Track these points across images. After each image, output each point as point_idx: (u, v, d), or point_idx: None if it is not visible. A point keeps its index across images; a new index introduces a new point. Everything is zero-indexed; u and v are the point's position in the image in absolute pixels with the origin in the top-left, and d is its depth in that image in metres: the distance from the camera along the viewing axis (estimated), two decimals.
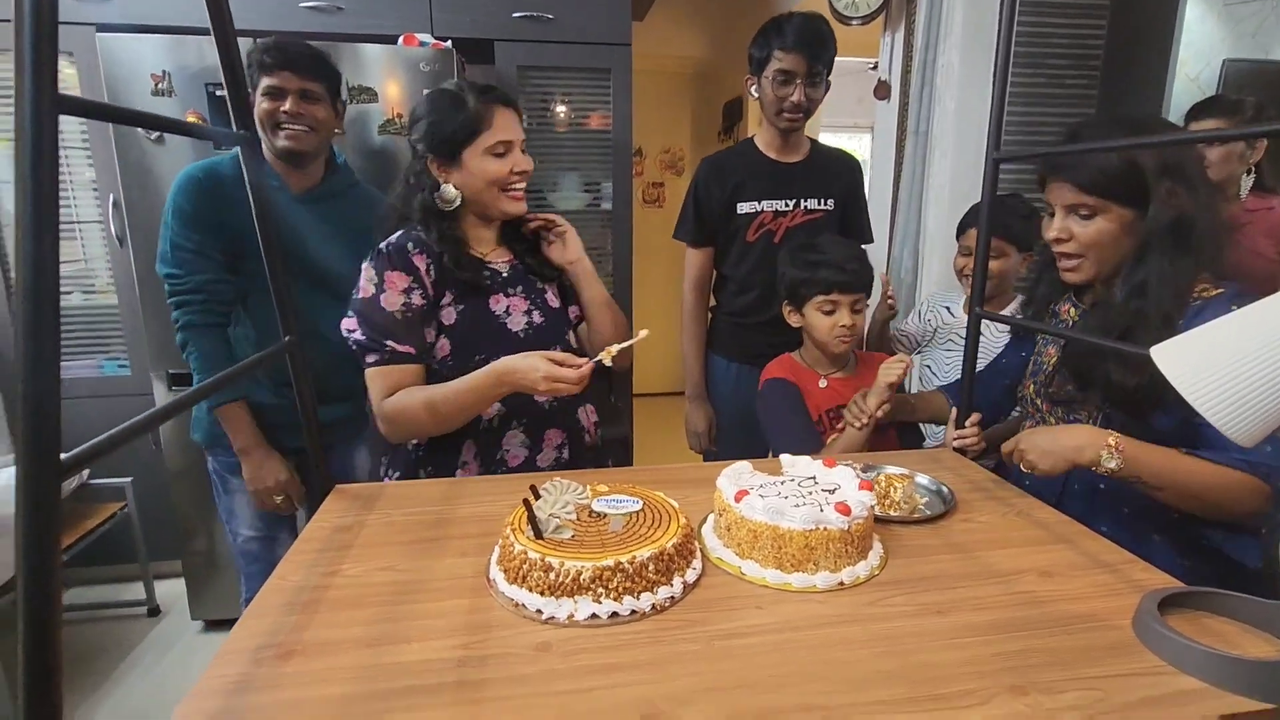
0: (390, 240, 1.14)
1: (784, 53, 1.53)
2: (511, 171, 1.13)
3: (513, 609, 0.71)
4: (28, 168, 0.44)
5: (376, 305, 1.08)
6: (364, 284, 1.10)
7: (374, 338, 1.09)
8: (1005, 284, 1.53)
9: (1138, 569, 0.80)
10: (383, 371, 1.09)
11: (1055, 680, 0.60)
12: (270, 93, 1.36)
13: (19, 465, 0.42)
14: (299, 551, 0.83)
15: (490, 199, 1.15)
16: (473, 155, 1.12)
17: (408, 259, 1.10)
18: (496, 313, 1.16)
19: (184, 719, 0.56)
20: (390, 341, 1.08)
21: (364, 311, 1.09)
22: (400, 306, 1.08)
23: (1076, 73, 2.45)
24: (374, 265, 1.11)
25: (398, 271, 1.09)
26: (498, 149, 1.12)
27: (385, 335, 1.08)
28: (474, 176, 1.13)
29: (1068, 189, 0.97)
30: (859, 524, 0.77)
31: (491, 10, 2.19)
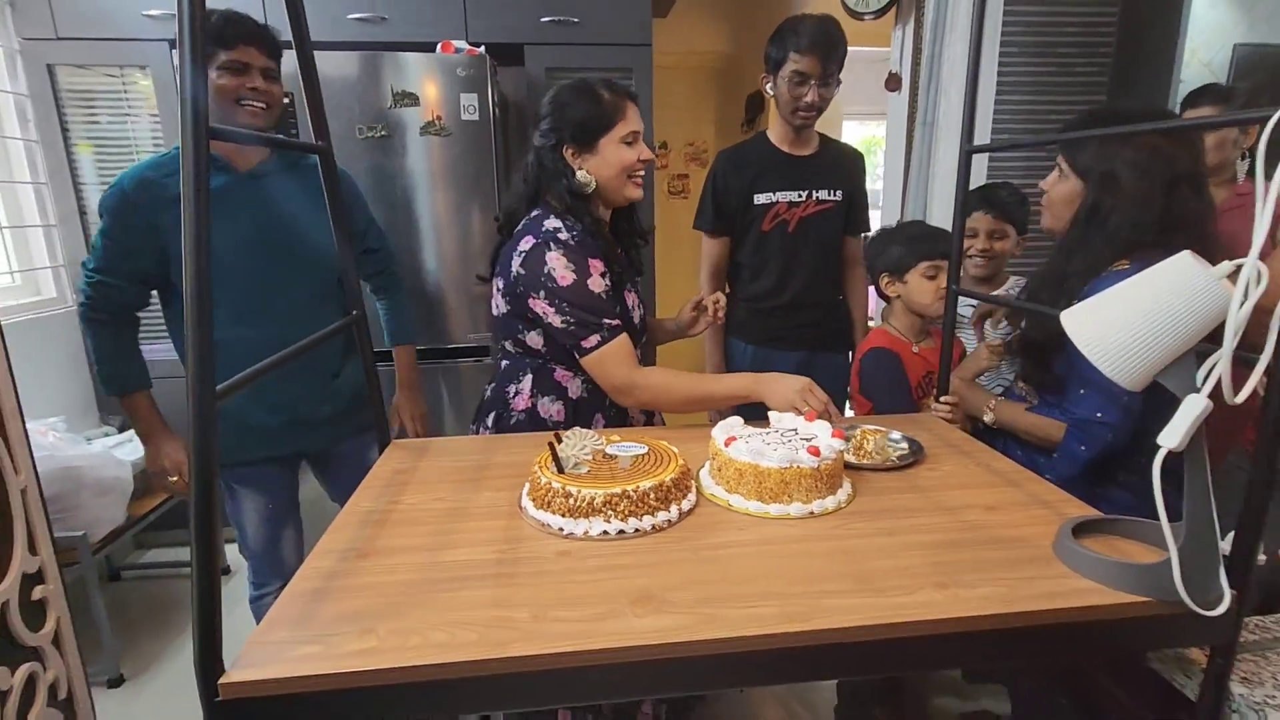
0: (557, 228, 1.18)
1: (799, 55, 1.65)
2: (639, 159, 1.23)
3: (540, 527, 0.88)
4: (190, 175, 0.61)
5: (585, 290, 1.15)
6: (561, 272, 1.15)
7: (590, 319, 1.16)
8: (1002, 265, 1.64)
9: (1073, 506, 0.93)
10: (612, 347, 1.17)
11: (974, 579, 0.75)
12: (233, 68, 1.30)
13: (190, 392, 0.60)
14: (367, 487, 1.01)
15: (619, 185, 1.24)
16: (609, 143, 1.21)
17: (594, 247, 1.19)
18: (630, 306, 1.28)
19: (294, 595, 0.74)
20: (605, 319, 1.17)
21: (574, 298, 1.15)
22: (605, 287, 1.18)
23: (1087, 60, 2.51)
24: (565, 254, 1.16)
25: (594, 258, 1.18)
26: (629, 138, 1.22)
27: (602, 314, 1.17)
28: (608, 164, 1.21)
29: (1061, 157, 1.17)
30: (828, 464, 0.92)
31: (521, 16, 2.36)
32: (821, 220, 1.81)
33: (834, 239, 1.86)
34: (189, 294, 0.60)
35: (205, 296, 0.61)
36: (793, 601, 0.71)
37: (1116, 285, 0.74)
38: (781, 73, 1.70)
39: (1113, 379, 0.72)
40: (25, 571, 1.08)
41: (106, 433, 2.37)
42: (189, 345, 0.61)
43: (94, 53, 2.22)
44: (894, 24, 2.54)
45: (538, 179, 1.25)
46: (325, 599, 0.73)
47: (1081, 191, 1.11)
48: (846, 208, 1.85)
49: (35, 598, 1.11)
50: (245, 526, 1.56)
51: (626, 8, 2.39)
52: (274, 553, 1.61)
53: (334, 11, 2.23)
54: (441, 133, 2.20)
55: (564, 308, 1.16)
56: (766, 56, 1.75)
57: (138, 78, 2.29)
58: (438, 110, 2.20)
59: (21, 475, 1.08)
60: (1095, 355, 0.71)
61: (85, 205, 2.35)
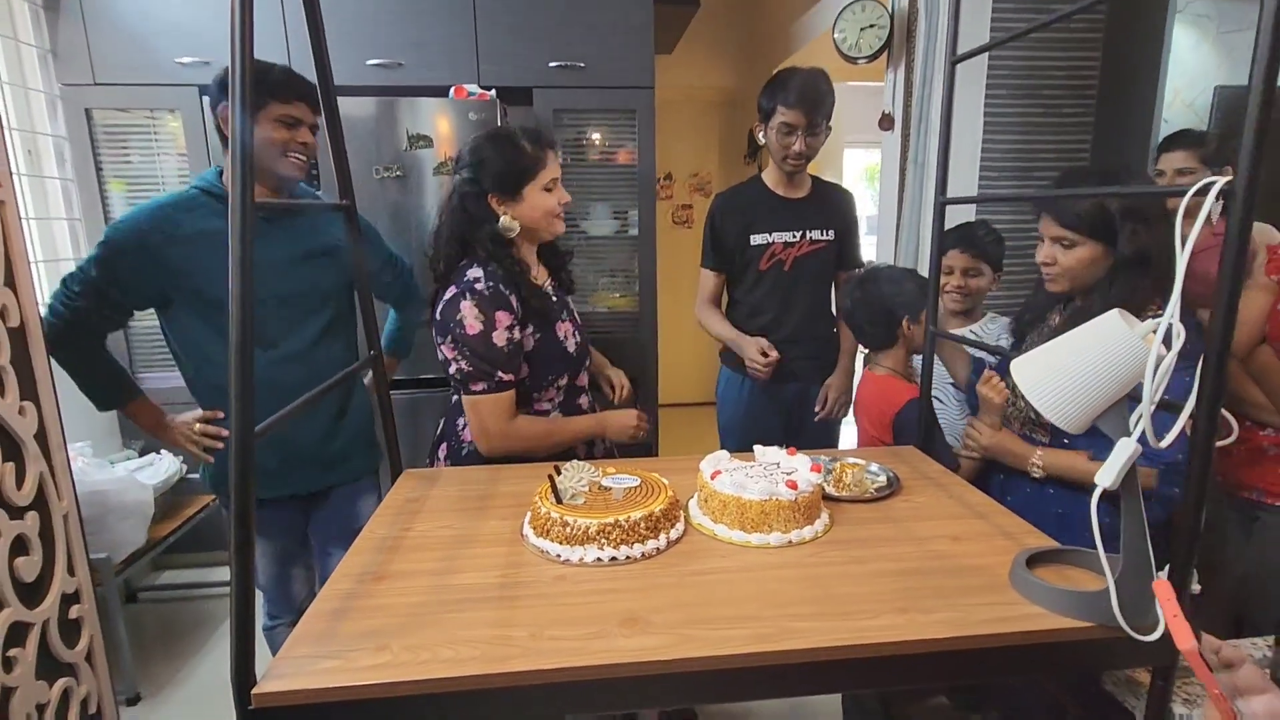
0: (479, 278, 1.27)
1: (786, 108, 1.75)
2: (559, 203, 1.35)
3: (539, 554, 0.96)
4: (238, 243, 0.70)
5: (489, 341, 1.24)
6: (470, 322, 1.24)
7: (484, 368, 1.25)
8: (977, 301, 1.73)
9: (1034, 537, 1.00)
10: (492, 398, 1.27)
11: (932, 605, 0.82)
12: (286, 121, 1.35)
13: (234, 426, 0.69)
14: (381, 515, 1.10)
15: (544, 225, 1.35)
16: (532, 191, 1.31)
17: (507, 299, 1.27)
18: (560, 338, 1.38)
19: (317, 614, 0.82)
20: (499, 372, 1.26)
21: (474, 347, 1.24)
22: (507, 341, 1.26)
23: (1073, 102, 2.61)
24: (478, 304, 1.24)
25: (503, 311, 1.26)
26: (549, 184, 1.33)
27: (496, 366, 1.25)
28: (533, 208, 1.32)
29: (1054, 224, 1.21)
30: (805, 496, 0.99)
31: (530, 61, 2.49)
32: (815, 259, 1.90)
33: (827, 275, 1.96)
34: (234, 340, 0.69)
35: (248, 338, 0.70)
36: (765, 624, 0.78)
37: (1060, 338, 0.82)
38: (771, 123, 1.80)
39: (1053, 422, 0.79)
40: (64, 591, 1.17)
41: (129, 456, 2.46)
42: (232, 384, 0.69)
43: (129, 97, 2.36)
44: (886, 67, 2.66)
45: (465, 224, 1.33)
46: (345, 618, 0.81)
47: (1103, 253, 1.17)
48: (839, 245, 1.94)
49: (72, 616, 1.20)
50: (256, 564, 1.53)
51: (630, 53, 2.52)
52: (285, 589, 1.64)
53: (354, 59, 2.36)
54: (453, 173, 2.32)
55: (465, 353, 1.25)
56: (759, 106, 1.86)
57: (168, 119, 2.43)
58: (450, 151, 2.32)
59: (64, 502, 1.18)
60: (1038, 401, 0.79)
61: None
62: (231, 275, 0.69)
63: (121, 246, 1.34)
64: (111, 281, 1.34)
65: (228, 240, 0.69)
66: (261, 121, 1.33)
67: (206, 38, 2.31)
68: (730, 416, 2.02)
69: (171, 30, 2.30)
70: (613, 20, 2.48)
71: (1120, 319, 0.76)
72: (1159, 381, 0.72)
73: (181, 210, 1.37)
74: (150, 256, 1.33)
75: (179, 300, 1.38)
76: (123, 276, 1.34)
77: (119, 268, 1.34)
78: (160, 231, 1.34)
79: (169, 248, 1.33)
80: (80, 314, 1.35)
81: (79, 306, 1.35)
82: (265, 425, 0.74)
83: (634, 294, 2.73)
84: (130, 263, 1.34)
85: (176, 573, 2.75)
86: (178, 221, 1.35)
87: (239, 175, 0.70)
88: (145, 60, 2.32)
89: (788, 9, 3.62)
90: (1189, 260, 1.21)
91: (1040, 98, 2.57)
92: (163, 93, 2.35)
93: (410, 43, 2.40)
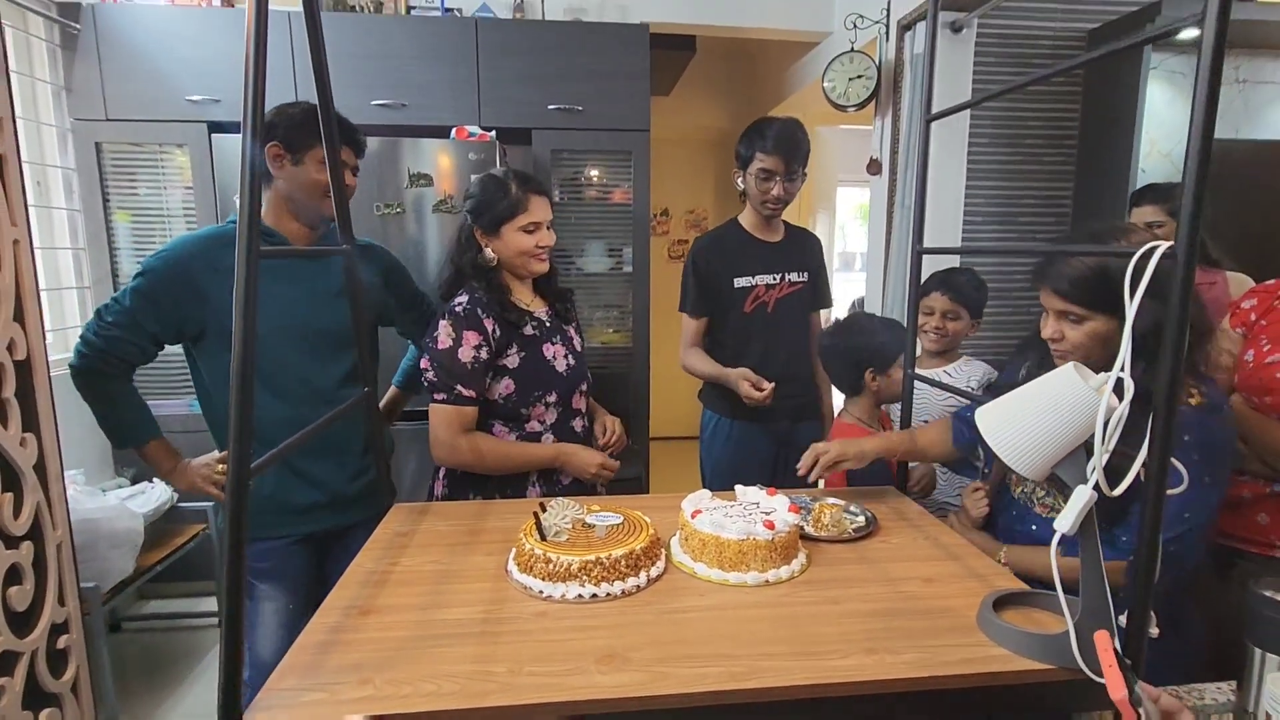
0: (461, 303, 1.39)
1: (764, 155, 1.82)
2: (536, 245, 1.43)
3: (522, 590, 0.98)
4: (241, 293, 0.74)
5: (454, 357, 1.35)
6: (442, 337, 1.36)
7: (446, 380, 1.36)
8: (956, 343, 1.79)
9: (1003, 579, 1.03)
10: (447, 409, 1.37)
11: (901, 646, 0.84)
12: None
13: (231, 462, 0.72)
14: (370, 549, 1.12)
15: (521, 263, 1.44)
16: (509, 230, 1.41)
17: (479, 321, 1.37)
18: (549, 358, 1.46)
19: (303, 647, 0.84)
20: (459, 386, 1.36)
21: (442, 360, 1.36)
22: (472, 359, 1.36)
23: (1054, 151, 2.70)
24: (452, 324, 1.36)
25: (472, 331, 1.36)
26: (529, 227, 1.42)
27: (456, 380, 1.35)
28: (508, 246, 1.43)
29: (1055, 296, 1.07)
30: (782, 536, 1.02)
31: (530, 103, 2.58)
32: (794, 299, 1.96)
33: (805, 316, 2.01)
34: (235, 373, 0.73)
35: (249, 377, 0.73)
36: (738, 662, 0.81)
37: (1020, 389, 0.86)
38: (750, 169, 1.87)
39: (1014, 469, 0.83)
40: (54, 621, 1.18)
41: (120, 484, 2.48)
42: (232, 425, 0.73)
43: (140, 132, 2.44)
44: (874, 114, 2.75)
45: (458, 251, 1.46)
46: (330, 651, 0.83)
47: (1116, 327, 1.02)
48: (812, 287, 2.01)
49: (60, 646, 1.21)
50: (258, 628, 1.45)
51: (627, 97, 2.61)
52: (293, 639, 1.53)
53: (359, 99, 2.45)
54: (453, 210, 2.39)
55: (434, 365, 1.37)
56: (737, 154, 1.92)
57: (176, 153, 2.50)
58: (450, 190, 2.38)
59: (58, 531, 1.20)
60: (998, 447, 0.83)
61: (118, 269, 2.53)
62: (235, 307, 0.73)
63: (164, 276, 1.34)
64: (149, 312, 1.34)
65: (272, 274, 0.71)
66: (307, 162, 1.37)
67: (217, 77, 2.40)
68: (717, 459, 2.02)
69: (183, 69, 2.39)
70: (611, 66, 2.57)
71: (1074, 371, 0.80)
72: (1111, 431, 0.77)
73: (222, 244, 1.38)
74: (191, 287, 1.34)
75: (213, 333, 1.38)
76: (163, 307, 1.35)
77: (159, 298, 1.34)
78: (202, 263, 1.35)
79: (210, 280, 1.34)
80: (112, 344, 1.35)
81: (112, 336, 1.34)
82: (263, 460, 0.77)
83: (627, 329, 2.79)
84: (171, 293, 1.34)
85: (162, 602, 2.73)
86: (219, 255, 1.36)
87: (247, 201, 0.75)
88: (157, 97, 2.40)
89: (780, 57, 3.74)
90: None
91: (1022, 146, 2.66)
92: (172, 128, 2.43)
93: (414, 84, 2.49)
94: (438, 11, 2.64)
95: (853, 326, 1.67)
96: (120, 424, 1.42)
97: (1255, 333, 1.28)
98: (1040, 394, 0.82)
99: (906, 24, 2.45)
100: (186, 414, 2.58)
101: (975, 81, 2.47)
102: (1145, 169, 2.58)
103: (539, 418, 1.46)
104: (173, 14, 2.41)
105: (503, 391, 1.42)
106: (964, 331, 1.76)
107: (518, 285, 1.49)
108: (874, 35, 2.66)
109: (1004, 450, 0.83)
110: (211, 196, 2.43)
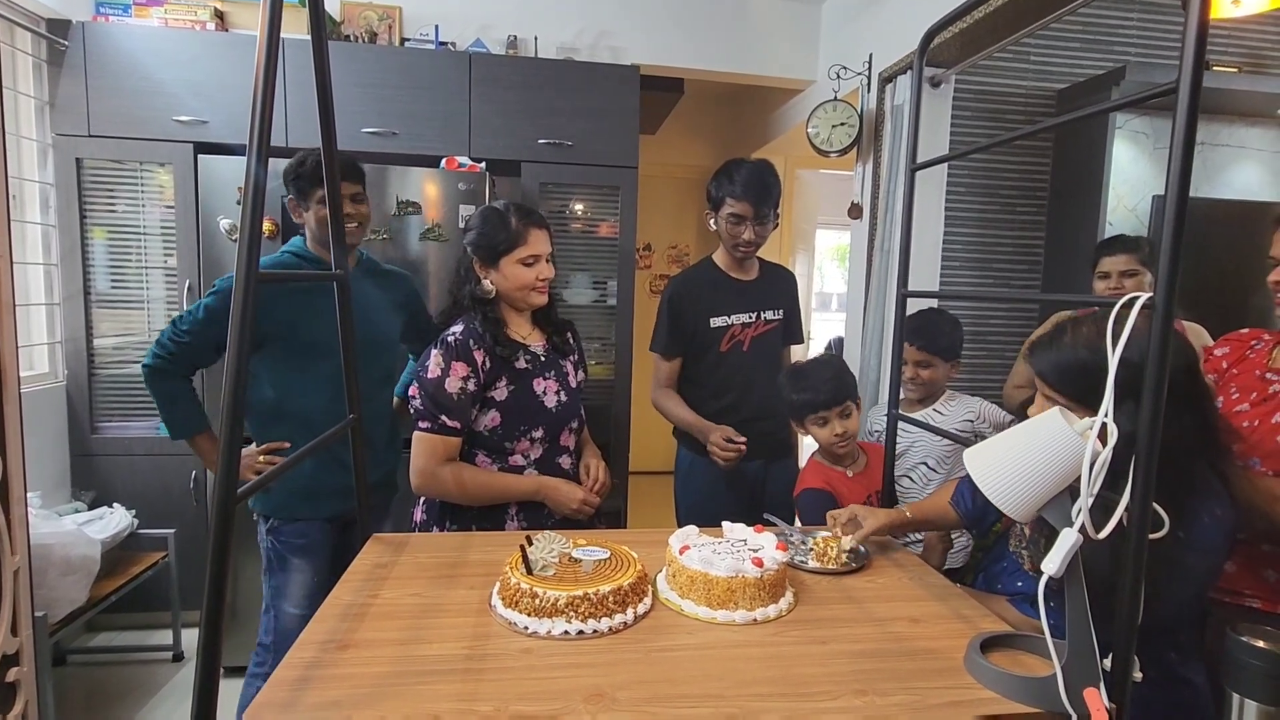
0: (455, 333, 1.40)
1: (734, 200, 1.83)
2: (536, 278, 1.44)
3: (507, 626, 0.96)
4: (239, 317, 0.73)
5: (441, 386, 1.36)
6: (432, 367, 1.37)
7: (432, 410, 1.36)
8: (935, 389, 1.80)
9: (988, 621, 1.03)
10: (431, 438, 1.36)
11: (890, 688, 0.84)
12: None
13: (218, 488, 0.70)
14: (348, 580, 1.09)
15: (519, 295, 1.45)
16: (508, 263, 1.42)
17: (470, 353, 1.37)
18: (538, 392, 1.45)
19: (279, 682, 0.81)
20: (444, 416, 1.36)
21: (430, 390, 1.36)
22: (458, 390, 1.36)
23: (1027, 202, 2.81)
24: (443, 354, 1.37)
25: (461, 362, 1.36)
26: (529, 260, 1.43)
27: (441, 410, 1.36)
28: (506, 279, 1.43)
29: (1043, 384, 1.03)
30: (770, 574, 1.02)
31: (520, 136, 2.61)
32: (769, 337, 1.97)
33: (779, 353, 2.02)
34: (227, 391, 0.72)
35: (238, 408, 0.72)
36: (728, 703, 0.79)
37: (1008, 431, 0.88)
38: (721, 212, 1.88)
39: (1004, 510, 0.84)
40: (5, 653, 1.12)
41: (77, 508, 2.38)
42: (221, 447, 0.71)
43: (122, 149, 2.41)
44: (855, 160, 2.84)
45: (458, 282, 1.48)
46: (308, 687, 0.80)
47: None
48: (786, 324, 2.02)
49: (9, 679, 1.14)
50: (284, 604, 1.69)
51: (616, 134, 2.66)
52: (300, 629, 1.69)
53: (350, 126, 2.46)
54: (439, 239, 2.39)
55: (422, 393, 1.39)
56: (708, 194, 1.93)
57: (159, 172, 2.47)
58: (438, 218, 2.39)
59: (17, 557, 1.15)
60: (987, 489, 0.84)
61: (90, 285, 2.47)
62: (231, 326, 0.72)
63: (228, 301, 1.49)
64: (220, 323, 1.55)
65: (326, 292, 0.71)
66: (314, 205, 1.63)
67: (206, 99, 2.39)
68: (693, 499, 1.99)
69: (172, 90, 2.38)
70: (602, 104, 2.63)
71: (1060, 416, 0.82)
72: (1096, 474, 0.78)
73: (284, 269, 1.67)
74: (261, 305, 1.50)
75: (271, 342, 1.61)
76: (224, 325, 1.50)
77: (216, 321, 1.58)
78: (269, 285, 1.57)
79: (277, 298, 1.58)
80: (184, 349, 1.60)
81: (185, 344, 1.60)
82: (289, 460, 0.75)
83: (610, 362, 2.79)
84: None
85: (112, 634, 2.60)
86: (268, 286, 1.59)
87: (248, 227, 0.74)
88: (143, 116, 2.38)
89: (765, 101, 3.86)
90: None
91: (998, 197, 2.77)
92: (158, 147, 2.41)
93: (406, 114, 2.51)
94: (432, 45, 2.68)
95: (788, 376, 1.67)
96: (178, 416, 1.65)
97: (1225, 380, 1.33)
98: (1028, 437, 0.84)
99: (888, 76, 2.54)
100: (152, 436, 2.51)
101: (952, 133, 2.56)
102: (1112, 221, 2.69)
103: (523, 452, 1.45)
104: (165, 35, 2.41)
105: (488, 424, 1.41)
106: (941, 377, 1.77)
107: (515, 317, 1.49)
108: (856, 85, 2.76)
109: (992, 491, 0.85)
110: (194, 216, 2.40)
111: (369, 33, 2.69)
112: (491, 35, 2.82)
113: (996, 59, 2.60)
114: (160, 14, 2.48)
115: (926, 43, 1.37)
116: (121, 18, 2.48)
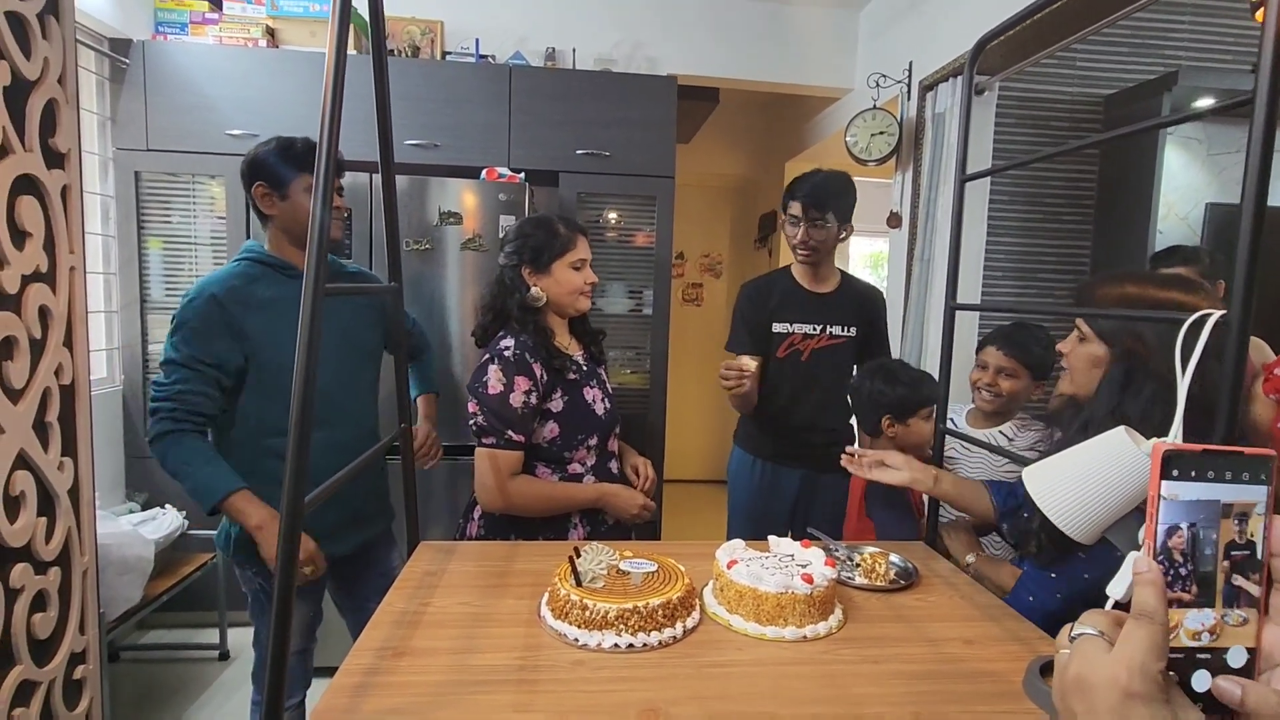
0: (509, 347, 1.39)
1: (793, 200, 1.88)
2: (585, 281, 1.49)
3: (557, 637, 0.97)
4: (306, 328, 0.76)
5: (506, 402, 1.36)
6: (493, 382, 1.36)
7: (497, 426, 1.36)
8: (1013, 405, 1.66)
9: (1045, 644, 1.01)
10: (496, 454, 1.37)
11: (947, 711, 0.82)
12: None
13: (286, 495, 0.72)
14: (400, 587, 1.11)
15: (569, 300, 1.48)
16: (560, 267, 1.45)
17: (529, 366, 1.38)
18: (589, 401, 1.48)
19: (339, 689, 0.83)
20: (510, 431, 1.37)
21: (493, 405, 1.35)
22: (522, 404, 1.37)
23: (1072, 210, 2.75)
24: (502, 369, 1.37)
25: (523, 376, 1.37)
26: (578, 264, 1.47)
27: (507, 425, 1.36)
28: (558, 283, 1.46)
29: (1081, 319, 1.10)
30: (820, 591, 1.01)
31: (559, 147, 2.64)
32: (834, 352, 1.94)
33: (845, 370, 1.97)
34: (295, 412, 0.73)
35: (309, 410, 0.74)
36: None
37: (1069, 450, 0.86)
38: (785, 213, 1.92)
39: (1066, 532, 0.82)
40: (74, 650, 1.17)
41: (131, 509, 2.46)
42: (290, 456, 0.73)
43: (177, 163, 2.50)
44: (894, 169, 2.81)
45: (501, 294, 1.48)
46: (367, 693, 0.81)
47: (1106, 356, 1.05)
48: (861, 343, 1.98)
49: (76, 676, 1.19)
50: None
51: (653, 144, 2.67)
52: (305, 662, 1.64)
53: (394, 138, 2.50)
54: (480, 249, 2.43)
55: (484, 410, 1.37)
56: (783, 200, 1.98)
57: (210, 185, 2.56)
58: (478, 229, 2.43)
59: (85, 557, 1.19)
60: (1049, 511, 0.83)
61: (147, 294, 2.56)
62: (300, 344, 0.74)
63: (204, 314, 1.36)
64: (205, 351, 1.36)
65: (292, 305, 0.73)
66: (293, 194, 1.43)
67: (257, 114, 2.47)
68: (740, 497, 2.03)
69: (225, 105, 2.47)
70: (639, 114, 2.64)
71: (1126, 436, 0.80)
72: None
73: (247, 280, 1.42)
74: (230, 323, 1.37)
75: (254, 365, 1.40)
76: (216, 344, 1.37)
77: (211, 335, 1.36)
78: (235, 299, 1.39)
79: (247, 314, 1.38)
80: (179, 397, 1.34)
81: (179, 390, 1.34)
82: (313, 496, 0.77)
83: (645, 371, 2.79)
84: (214, 329, 1.36)
85: (162, 632, 2.68)
86: (249, 290, 1.41)
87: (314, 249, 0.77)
88: (198, 130, 2.47)
89: (802, 110, 3.84)
90: None
91: (1042, 205, 2.71)
92: (211, 161, 2.49)
93: (447, 126, 2.56)
94: (473, 58, 2.73)
95: (880, 371, 1.66)
96: (202, 479, 1.35)
97: None
98: (1090, 457, 0.82)
99: (928, 84, 2.52)
100: None
101: (996, 141, 2.52)
102: (1163, 230, 2.61)
103: (580, 460, 1.46)
104: (220, 52, 2.50)
105: (547, 435, 1.43)
106: (1023, 393, 1.65)
107: (559, 327, 1.52)
108: (895, 93, 2.73)
109: (1054, 513, 0.83)
110: (243, 226, 2.47)
111: (411, 47, 2.75)
112: (530, 47, 2.86)
113: (1042, 65, 2.55)
114: (215, 32, 2.57)
115: (978, 51, 1.35)
116: (179, 36, 2.58)
